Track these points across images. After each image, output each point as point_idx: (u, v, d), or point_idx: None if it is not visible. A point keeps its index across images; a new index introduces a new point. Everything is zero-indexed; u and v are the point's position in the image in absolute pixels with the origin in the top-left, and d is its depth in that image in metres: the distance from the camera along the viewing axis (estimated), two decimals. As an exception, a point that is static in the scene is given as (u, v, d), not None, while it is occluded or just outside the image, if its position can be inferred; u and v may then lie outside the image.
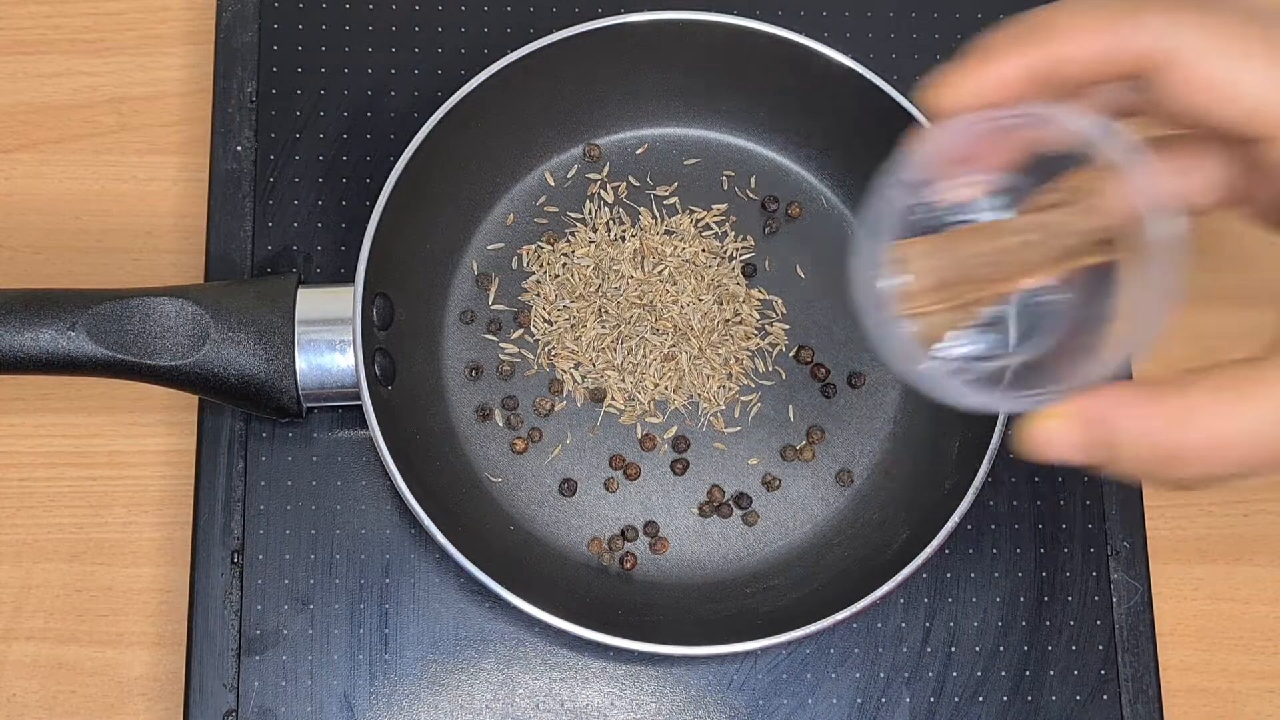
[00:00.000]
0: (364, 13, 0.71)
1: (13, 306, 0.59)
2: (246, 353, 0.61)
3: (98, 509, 0.67)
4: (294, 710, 0.63)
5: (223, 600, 0.64)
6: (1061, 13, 0.39)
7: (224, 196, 0.68)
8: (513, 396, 0.67)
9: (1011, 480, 0.66)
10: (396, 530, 0.65)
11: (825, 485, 0.67)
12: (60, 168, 0.71)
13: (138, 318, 0.60)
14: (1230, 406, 0.38)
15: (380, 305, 0.64)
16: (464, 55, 0.70)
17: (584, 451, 0.67)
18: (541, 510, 0.66)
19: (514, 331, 0.68)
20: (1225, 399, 0.38)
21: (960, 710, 0.64)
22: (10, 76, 0.72)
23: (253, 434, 0.65)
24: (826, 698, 0.64)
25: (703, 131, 0.70)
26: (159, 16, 0.73)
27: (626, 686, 0.64)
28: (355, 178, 0.69)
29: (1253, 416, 0.38)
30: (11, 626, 0.66)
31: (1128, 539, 0.66)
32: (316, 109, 0.70)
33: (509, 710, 0.63)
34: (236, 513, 0.65)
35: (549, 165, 0.70)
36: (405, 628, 0.64)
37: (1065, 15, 0.39)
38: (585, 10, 0.71)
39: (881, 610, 0.65)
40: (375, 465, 0.65)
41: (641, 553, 0.66)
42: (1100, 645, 0.65)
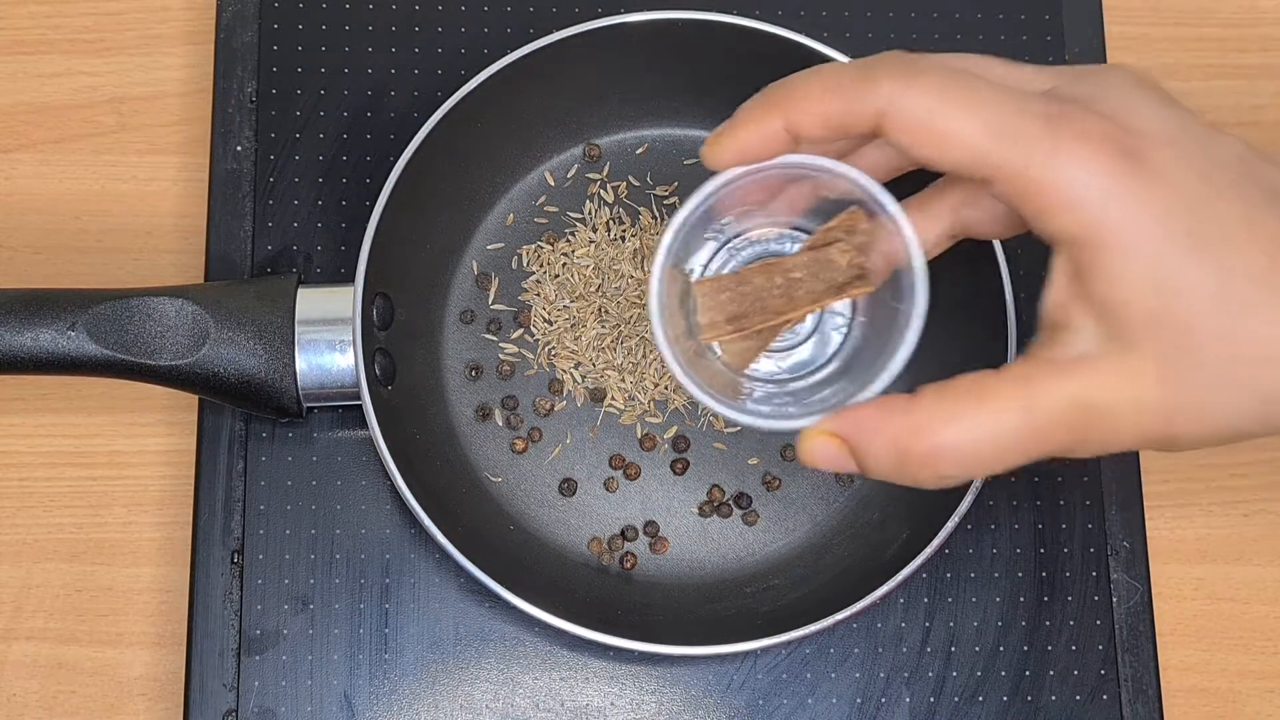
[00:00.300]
0: (364, 13, 0.71)
1: (13, 306, 0.59)
2: (246, 353, 0.61)
3: (98, 509, 0.67)
4: (294, 710, 0.63)
5: (223, 600, 0.64)
6: (806, 78, 0.47)
7: (224, 196, 0.68)
8: (513, 396, 0.67)
9: (1011, 480, 0.66)
10: (396, 530, 0.65)
11: (825, 485, 0.67)
12: (60, 168, 0.71)
13: (138, 318, 0.60)
14: (949, 422, 0.45)
15: (380, 305, 0.64)
16: (464, 55, 0.70)
17: (584, 451, 0.67)
18: (541, 510, 0.66)
19: (514, 331, 0.68)
20: (946, 414, 0.45)
21: (960, 710, 0.64)
22: (10, 76, 0.72)
23: (253, 434, 0.65)
24: (826, 698, 0.64)
25: (703, 131, 0.70)
26: (159, 16, 0.73)
27: (626, 686, 0.64)
28: (355, 178, 0.69)
29: (968, 428, 0.45)
30: (11, 626, 0.66)
31: (1128, 539, 0.66)
32: (316, 109, 0.70)
33: (509, 710, 0.63)
34: (236, 513, 0.65)
35: (549, 165, 0.70)
36: (405, 628, 0.64)
37: (807, 81, 0.46)
38: (585, 10, 0.71)
39: (881, 610, 0.65)
40: (375, 465, 0.65)
41: (641, 553, 0.66)
42: (1100, 645, 0.65)
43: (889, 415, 0.46)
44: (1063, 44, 0.71)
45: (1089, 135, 0.43)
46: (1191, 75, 0.74)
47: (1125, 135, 0.43)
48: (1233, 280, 0.43)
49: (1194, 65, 0.74)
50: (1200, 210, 0.43)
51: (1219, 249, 0.43)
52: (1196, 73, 0.74)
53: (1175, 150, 0.44)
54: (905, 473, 0.46)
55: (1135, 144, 0.43)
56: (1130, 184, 0.43)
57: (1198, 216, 0.43)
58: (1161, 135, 0.44)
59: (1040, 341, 0.46)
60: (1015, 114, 0.43)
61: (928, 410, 0.45)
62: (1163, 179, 0.43)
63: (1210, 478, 0.69)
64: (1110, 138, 0.43)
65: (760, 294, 0.50)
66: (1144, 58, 0.74)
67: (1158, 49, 0.74)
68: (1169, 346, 0.43)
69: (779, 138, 0.47)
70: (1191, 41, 0.74)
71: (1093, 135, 0.43)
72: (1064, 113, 0.43)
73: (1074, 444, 0.45)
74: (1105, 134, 0.43)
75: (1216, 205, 0.43)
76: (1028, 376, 0.45)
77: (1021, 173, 0.43)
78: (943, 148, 0.44)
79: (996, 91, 0.44)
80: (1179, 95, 0.46)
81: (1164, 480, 0.68)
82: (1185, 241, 0.43)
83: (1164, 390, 0.44)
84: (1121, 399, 0.44)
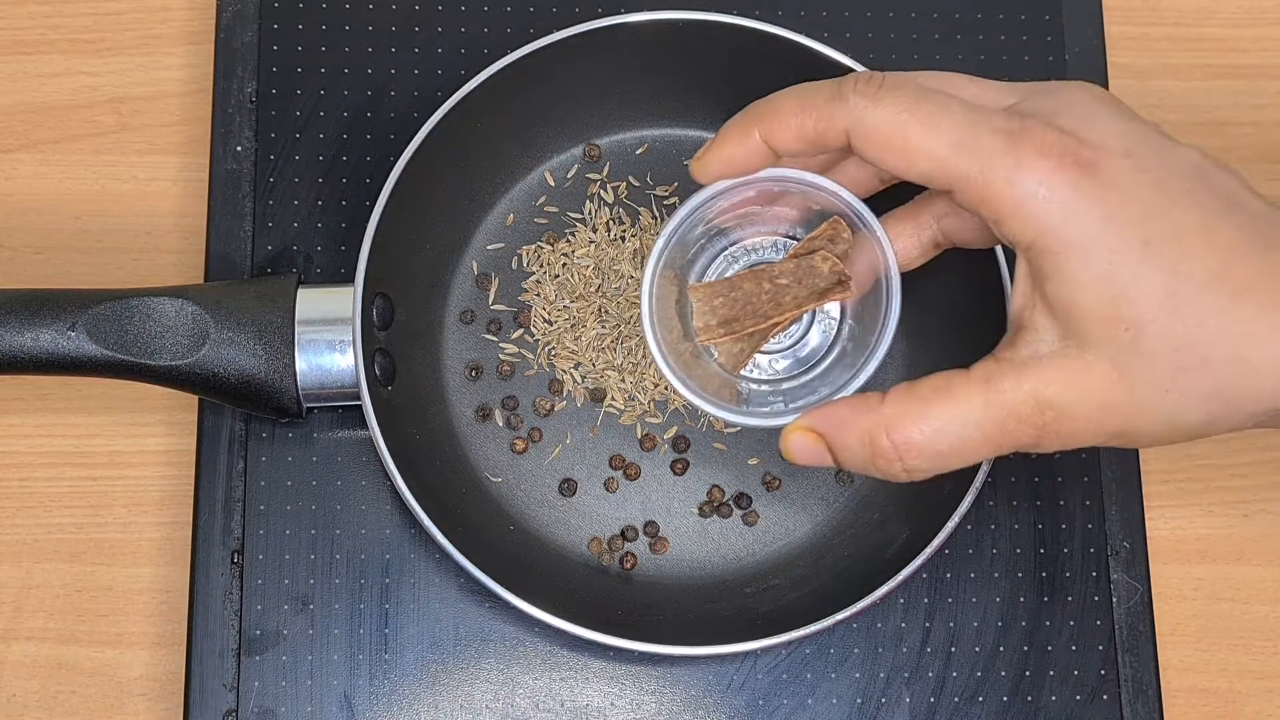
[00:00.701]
0: (364, 13, 0.71)
1: (13, 306, 0.59)
2: (246, 353, 0.61)
3: (98, 509, 0.67)
4: (294, 710, 0.63)
5: (223, 600, 0.64)
6: (784, 96, 0.50)
7: (224, 196, 0.68)
8: (513, 396, 0.67)
9: (1011, 480, 0.66)
10: (396, 530, 0.65)
11: (825, 485, 0.67)
12: (60, 168, 0.71)
13: (138, 318, 0.60)
14: (917, 418, 0.48)
15: (380, 305, 0.64)
16: (464, 55, 0.70)
17: (584, 451, 0.67)
18: (541, 510, 0.66)
19: (514, 331, 0.68)
20: (914, 411, 0.48)
21: (960, 710, 0.64)
22: (10, 76, 0.72)
23: (253, 434, 0.65)
24: (826, 698, 0.64)
25: (702, 132, 0.70)
26: (159, 16, 0.73)
27: (626, 686, 0.64)
28: (355, 178, 0.69)
29: (933, 423, 0.48)
30: (11, 626, 0.66)
31: (1128, 539, 0.66)
32: (316, 109, 0.70)
33: (509, 710, 0.63)
34: (236, 513, 0.65)
35: (549, 165, 0.70)
36: (405, 628, 0.64)
37: (784, 99, 0.50)
38: (585, 10, 0.71)
39: (881, 610, 0.65)
40: (375, 465, 0.65)
41: (641, 553, 0.66)
42: (1100, 645, 0.65)
43: (862, 411, 0.49)
44: (1063, 44, 0.71)
45: (1048, 149, 0.45)
46: (1191, 75, 0.74)
47: (1082, 148, 0.46)
48: (1184, 285, 0.45)
49: (1194, 65, 0.74)
50: (1155, 218, 0.45)
51: (1172, 255, 0.45)
52: (1196, 73, 0.74)
53: (1131, 162, 0.46)
54: (876, 466, 0.49)
55: (1092, 156, 0.46)
56: (1086, 194, 0.45)
57: (1152, 224, 0.45)
58: (1118, 147, 0.46)
59: (1004, 342, 0.49)
60: (978, 129, 0.46)
61: (896, 407, 0.49)
62: (1117, 189, 0.45)
63: (1210, 478, 0.69)
64: (1068, 151, 0.45)
65: (750, 299, 0.54)
66: (1144, 58, 0.74)
67: (1158, 49, 0.74)
68: (1121, 347, 0.46)
69: (759, 151, 0.51)
70: (1191, 41, 0.74)
71: (1051, 149, 0.45)
72: (1025, 128, 0.46)
73: (1036, 440, 0.48)
74: (1063, 148, 0.45)
75: (1171, 213, 0.46)
76: (989, 375, 0.48)
77: (985, 185, 0.46)
78: (909, 160, 0.47)
79: (962, 108, 0.47)
80: (1179, 95, 0.47)
81: (1164, 480, 0.68)
82: (1139, 248, 0.45)
83: (1117, 389, 0.46)
84: (1077, 396, 0.47)
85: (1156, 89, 0.73)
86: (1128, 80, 0.73)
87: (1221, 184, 0.47)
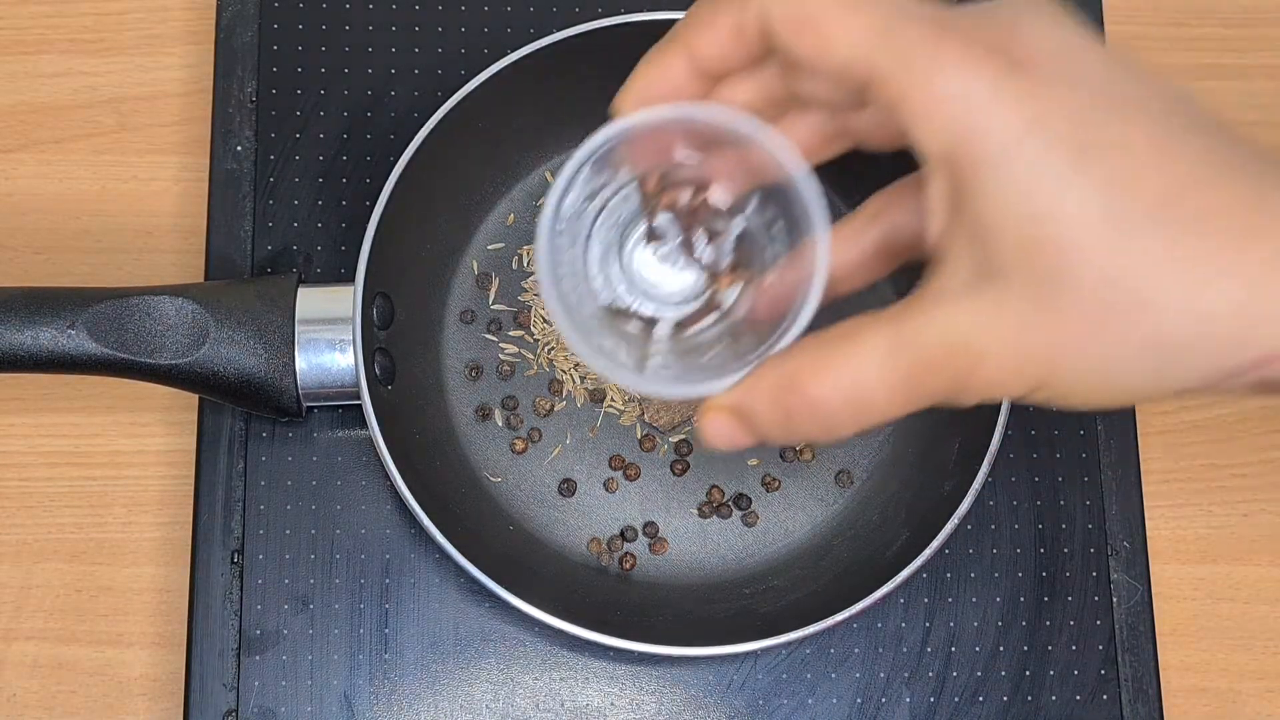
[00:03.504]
0: (364, 13, 0.71)
1: (13, 305, 0.59)
2: (246, 352, 0.61)
3: (98, 509, 0.67)
4: (294, 710, 0.63)
5: (223, 600, 0.64)
6: (693, 11, 0.43)
7: (224, 196, 0.68)
8: (513, 396, 0.67)
9: (1011, 480, 0.66)
10: (396, 530, 0.65)
11: (825, 486, 0.67)
12: (60, 168, 0.71)
13: (138, 316, 0.60)
14: (821, 370, 0.41)
15: (380, 305, 0.64)
16: (464, 55, 0.70)
17: (584, 452, 0.67)
18: (541, 510, 0.66)
19: (514, 331, 0.68)
20: (819, 362, 0.41)
21: (960, 710, 0.64)
22: (10, 76, 0.72)
23: (253, 434, 0.65)
24: (826, 698, 0.64)
25: (703, 132, 0.70)
26: (159, 16, 0.73)
27: (626, 686, 0.64)
28: (355, 178, 0.69)
29: (840, 374, 0.41)
30: (11, 626, 0.66)
31: (1128, 539, 0.66)
32: (316, 109, 0.70)
33: (509, 710, 0.63)
34: (236, 513, 0.65)
35: (549, 165, 0.70)
36: (405, 628, 0.64)
37: (696, 6, 0.43)
38: (585, 10, 0.71)
39: (881, 610, 0.65)
40: (375, 465, 0.65)
41: (641, 553, 0.66)
42: (1100, 645, 0.65)
43: (768, 371, 0.42)
44: (1063, 44, 0.71)
45: (973, 43, 0.39)
46: (1191, 75, 0.74)
47: (1014, 44, 0.39)
48: (1125, 207, 0.37)
49: (1194, 65, 0.74)
50: (1093, 127, 0.38)
51: (1113, 171, 0.38)
52: (1196, 73, 0.74)
53: (1071, 64, 0.39)
54: (795, 430, 0.42)
55: (1025, 53, 0.39)
56: (1010, 95, 0.38)
57: (1089, 133, 0.38)
58: (1055, 48, 0.39)
59: (921, 280, 0.41)
60: (901, 18, 0.40)
61: (802, 359, 0.42)
62: (1050, 88, 0.38)
63: (1210, 478, 0.69)
64: (998, 47, 0.39)
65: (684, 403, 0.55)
66: (1144, 57, 0.73)
67: (1158, 49, 0.74)
68: (1041, 278, 0.38)
69: (681, 71, 0.44)
70: (1191, 41, 0.74)
71: (978, 42, 0.39)
72: (952, 21, 0.39)
73: (952, 390, 0.41)
74: (992, 42, 0.39)
75: (1115, 124, 0.38)
76: (897, 315, 0.40)
77: (900, 80, 0.39)
78: (825, 46, 0.40)
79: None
80: None
81: (1164, 480, 0.68)
82: (1069, 159, 0.38)
83: (1036, 330, 0.39)
84: (990, 339, 0.39)
85: (1156, 89, 0.73)
86: (1128, 80, 0.73)
87: (1190, 107, 0.39)
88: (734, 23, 0.42)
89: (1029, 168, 0.38)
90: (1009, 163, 0.38)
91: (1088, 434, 0.67)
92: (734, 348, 0.46)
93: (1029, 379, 0.40)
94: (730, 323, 0.48)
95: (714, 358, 0.47)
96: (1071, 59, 0.39)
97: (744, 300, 0.47)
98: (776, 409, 0.42)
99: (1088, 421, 0.67)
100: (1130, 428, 0.67)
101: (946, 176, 0.39)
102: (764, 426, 0.43)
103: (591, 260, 0.48)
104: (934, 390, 0.41)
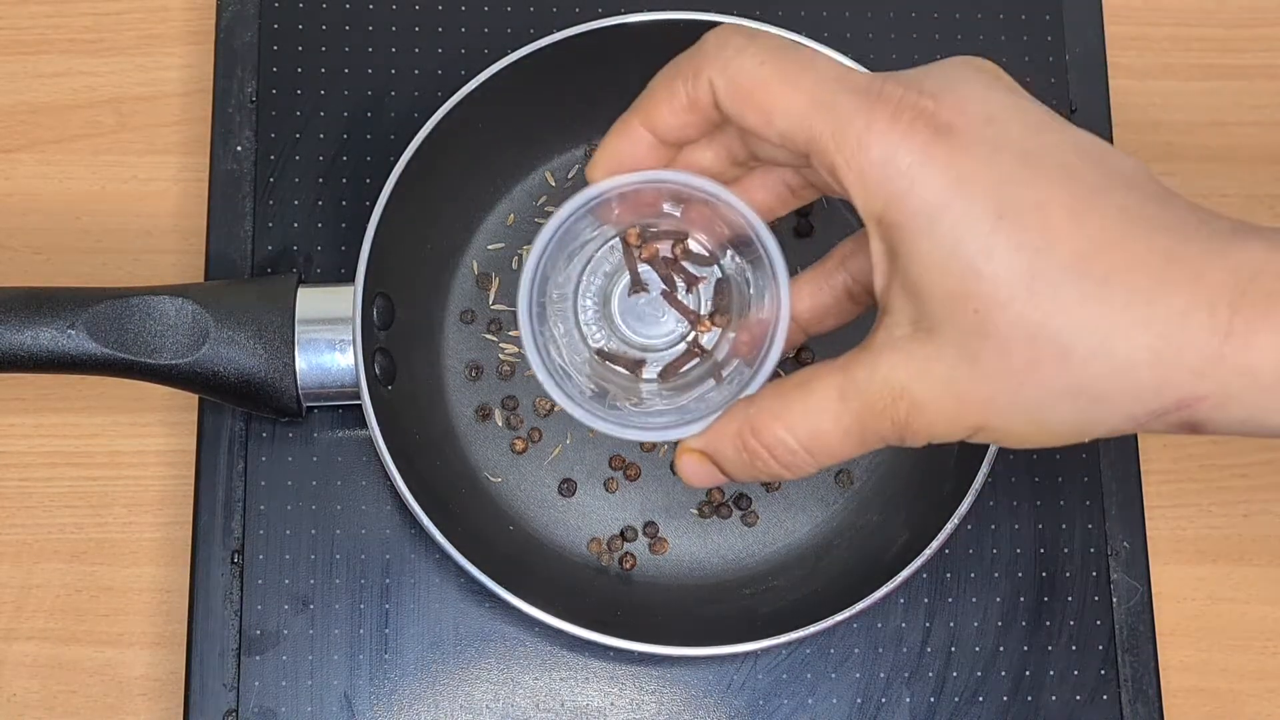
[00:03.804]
0: (364, 13, 0.71)
1: (13, 305, 0.59)
2: (246, 352, 0.61)
3: (98, 509, 0.67)
4: (294, 710, 0.63)
5: (223, 600, 0.64)
6: (658, 76, 0.47)
7: (224, 196, 0.68)
8: (513, 396, 0.67)
9: (1011, 480, 0.66)
10: (396, 530, 0.65)
11: (825, 486, 0.67)
12: (60, 168, 0.71)
13: (138, 316, 0.60)
14: (779, 415, 0.45)
15: (380, 305, 0.64)
16: (464, 55, 0.70)
17: (584, 451, 0.67)
18: (541, 510, 0.66)
19: (514, 331, 0.68)
20: (778, 408, 0.45)
21: (960, 710, 0.64)
22: (10, 76, 0.72)
23: (253, 434, 0.65)
24: (826, 698, 0.64)
25: (703, 132, 0.70)
26: (159, 16, 0.73)
27: (626, 686, 0.64)
28: (355, 178, 0.69)
29: (795, 419, 0.44)
30: (11, 626, 0.66)
31: (1128, 539, 0.66)
32: (316, 109, 0.70)
33: (509, 710, 0.63)
34: (236, 513, 0.65)
35: (550, 165, 0.70)
36: (405, 628, 0.64)
37: (656, 78, 0.46)
38: (585, 10, 0.71)
39: (881, 610, 0.65)
40: (375, 465, 0.65)
41: (641, 553, 0.66)
42: (1100, 645, 0.65)
43: (733, 416, 0.46)
44: (1063, 44, 0.71)
45: (902, 111, 0.41)
46: (1191, 75, 0.74)
47: (940, 111, 0.41)
48: (1044, 264, 0.40)
49: (1194, 65, 0.74)
50: (1013, 188, 0.40)
51: (1031, 230, 0.40)
52: (1196, 73, 0.74)
53: (994, 129, 0.41)
54: (757, 469, 0.46)
55: (950, 119, 0.41)
56: (935, 159, 0.41)
57: (1008, 194, 0.40)
58: (979, 113, 0.42)
59: (870, 331, 0.44)
60: (838, 88, 0.42)
61: (762, 405, 0.45)
62: (971, 155, 0.41)
63: (1210, 478, 0.69)
64: (922, 115, 0.41)
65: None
66: (1144, 58, 0.74)
67: (1158, 49, 0.74)
68: (969, 331, 0.41)
69: (645, 142, 0.47)
70: (1191, 41, 0.74)
71: (905, 111, 0.41)
72: (883, 90, 0.42)
73: (897, 434, 0.44)
74: (919, 110, 0.41)
75: (1034, 186, 0.41)
76: (846, 364, 0.44)
77: (836, 149, 0.42)
78: (768, 117, 0.43)
79: (829, 66, 0.43)
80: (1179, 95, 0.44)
81: (1164, 480, 0.68)
82: (990, 219, 0.40)
83: (967, 380, 0.42)
84: (926, 387, 0.42)
85: (1156, 89, 0.73)
86: (1128, 80, 0.73)
87: (1112, 166, 0.42)
88: (687, 96, 0.45)
89: (952, 229, 0.40)
90: (934, 225, 0.41)
91: (1088, 434, 0.67)
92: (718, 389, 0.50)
93: (965, 425, 0.43)
94: (712, 364, 0.51)
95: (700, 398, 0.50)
96: (995, 124, 0.41)
97: (723, 344, 0.51)
98: (740, 452, 0.46)
99: (1088, 421, 0.67)
100: (1130, 428, 0.67)
101: (881, 237, 0.42)
102: (730, 467, 0.46)
103: (582, 310, 0.52)
104: (882, 433, 0.44)
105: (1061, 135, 0.42)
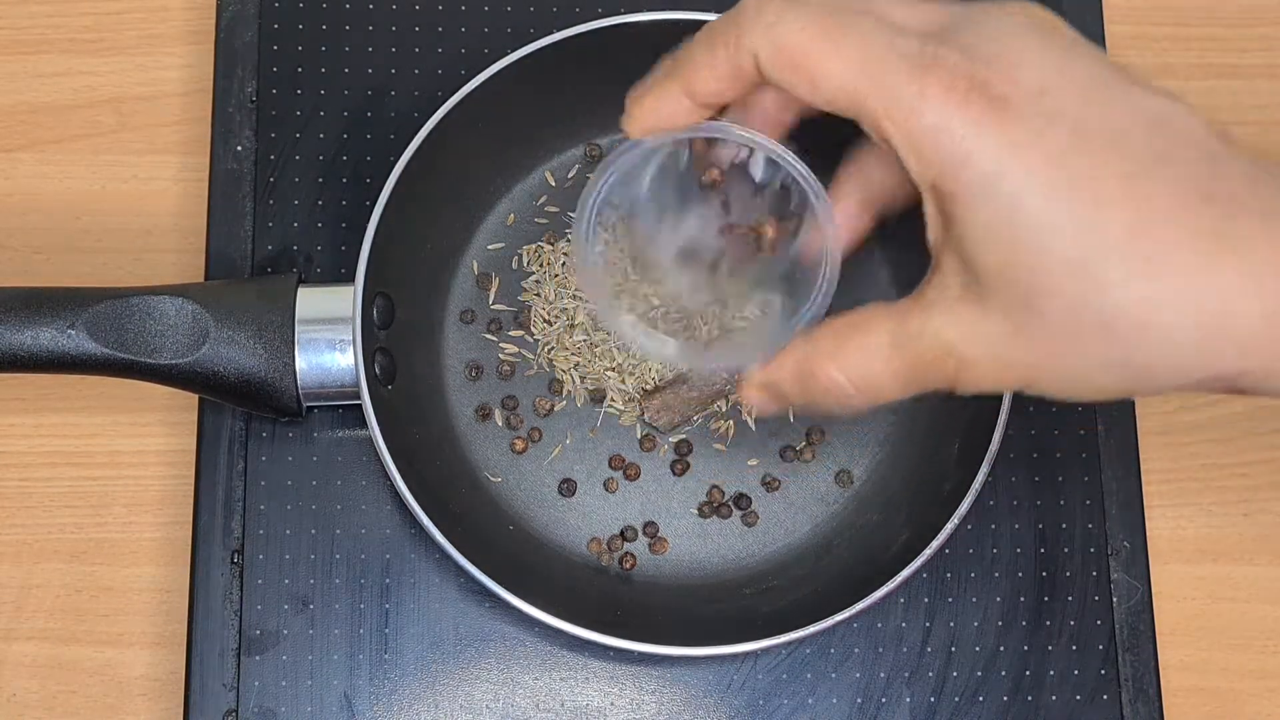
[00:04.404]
0: (364, 13, 0.71)
1: (13, 305, 0.59)
2: (246, 352, 0.61)
3: (98, 509, 0.67)
4: (294, 710, 0.63)
5: (223, 600, 0.64)
6: (693, 41, 0.47)
7: (224, 196, 0.68)
8: (513, 396, 0.67)
9: (1011, 480, 0.66)
10: (396, 530, 0.65)
11: (825, 486, 0.67)
12: (60, 168, 0.71)
13: (138, 316, 0.60)
14: (835, 352, 0.47)
15: (380, 305, 0.64)
16: (464, 55, 0.70)
17: (584, 451, 0.67)
18: (541, 510, 0.66)
19: (514, 331, 0.68)
20: (834, 345, 0.47)
21: (960, 710, 0.64)
22: (10, 76, 0.72)
23: (253, 434, 0.65)
24: (826, 698, 0.64)
25: (703, 132, 0.70)
26: (159, 16, 0.73)
27: (626, 686, 0.64)
28: (355, 178, 0.69)
29: (850, 357, 0.47)
30: (11, 626, 0.66)
31: (1128, 539, 0.66)
32: (316, 109, 0.70)
33: (509, 710, 0.63)
34: (236, 513, 0.65)
35: (550, 165, 0.70)
36: (405, 628, 0.64)
37: (693, 43, 0.47)
38: (585, 10, 0.71)
39: (881, 610, 0.65)
40: (375, 465, 0.65)
41: (641, 553, 0.66)
42: (1100, 645, 0.65)
43: (795, 347, 0.48)
44: (1063, 44, 0.71)
45: (955, 81, 0.42)
46: (1191, 75, 0.74)
47: (994, 81, 0.42)
48: (1091, 238, 0.41)
49: (1194, 65, 0.74)
50: (1066, 164, 0.41)
51: (1082, 203, 0.41)
52: (1196, 73, 0.74)
53: (1048, 100, 0.42)
54: (812, 399, 0.48)
55: (1003, 90, 0.41)
56: (988, 132, 0.41)
57: (1061, 170, 0.41)
58: (1034, 83, 0.42)
59: (924, 279, 0.46)
60: (886, 54, 0.43)
61: (819, 345, 0.47)
62: (1025, 127, 0.41)
63: (1210, 478, 0.69)
64: (975, 85, 0.41)
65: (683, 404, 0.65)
66: (1144, 57, 0.74)
67: (1158, 49, 0.74)
68: (1017, 302, 0.42)
69: (683, 104, 0.48)
70: (1191, 41, 0.74)
71: (959, 81, 0.42)
72: (935, 57, 0.42)
73: (946, 383, 0.46)
74: (971, 80, 0.41)
75: (1085, 157, 0.41)
76: (902, 312, 0.46)
77: (887, 115, 0.43)
78: (814, 84, 0.44)
79: (874, 27, 0.43)
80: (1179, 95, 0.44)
81: (1164, 480, 0.68)
82: (1043, 195, 0.41)
83: (1012, 345, 0.43)
84: (974, 347, 0.44)
85: (1157, 89, 0.73)
86: (1128, 80, 0.73)
87: (1168, 128, 0.42)
88: (729, 63, 0.46)
89: (1006, 202, 0.41)
90: (987, 197, 0.41)
91: (1088, 434, 0.67)
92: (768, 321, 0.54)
93: (1012, 382, 0.45)
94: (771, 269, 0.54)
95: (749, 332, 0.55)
96: (1048, 95, 0.42)
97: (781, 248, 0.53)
98: (798, 386, 0.48)
99: (1088, 421, 0.67)
100: (1130, 427, 0.67)
101: (933, 201, 0.44)
102: (789, 392, 0.49)
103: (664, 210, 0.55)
104: (931, 381, 0.46)
105: (1118, 97, 0.42)
